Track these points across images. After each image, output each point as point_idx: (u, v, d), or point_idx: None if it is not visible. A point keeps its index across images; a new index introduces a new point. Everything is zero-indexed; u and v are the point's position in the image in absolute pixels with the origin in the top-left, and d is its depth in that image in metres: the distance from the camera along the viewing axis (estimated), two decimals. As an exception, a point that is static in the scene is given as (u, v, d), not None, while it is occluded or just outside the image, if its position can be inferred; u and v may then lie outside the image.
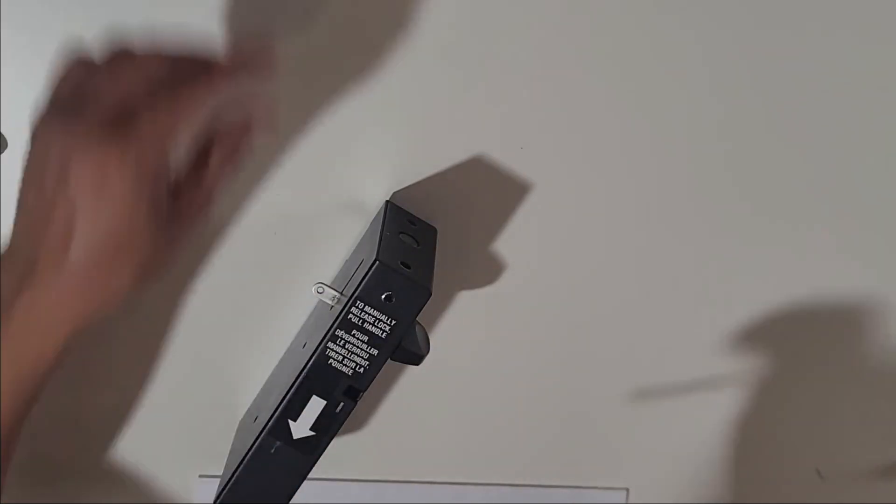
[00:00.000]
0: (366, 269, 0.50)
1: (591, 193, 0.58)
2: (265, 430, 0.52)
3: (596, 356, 0.64)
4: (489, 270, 0.60)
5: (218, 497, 0.55)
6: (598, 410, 0.66)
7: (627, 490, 0.69)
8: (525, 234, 0.59)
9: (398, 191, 0.56)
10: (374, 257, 0.49)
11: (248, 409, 0.62)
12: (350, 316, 0.50)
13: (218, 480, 0.56)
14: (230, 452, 0.59)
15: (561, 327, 0.62)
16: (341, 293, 0.51)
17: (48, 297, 0.42)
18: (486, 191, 0.57)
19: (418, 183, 0.56)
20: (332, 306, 0.51)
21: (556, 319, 0.62)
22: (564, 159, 0.57)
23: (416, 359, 0.52)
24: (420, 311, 0.50)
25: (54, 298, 0.42)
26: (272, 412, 0.52)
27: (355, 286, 0.50)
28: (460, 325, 0.61)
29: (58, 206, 0.41)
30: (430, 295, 0.50)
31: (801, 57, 0.55)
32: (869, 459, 0.68)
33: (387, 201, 0.56)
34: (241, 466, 0.53)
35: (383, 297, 0.50)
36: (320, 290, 0.51)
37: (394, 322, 0.50)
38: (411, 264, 0.51)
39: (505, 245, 0.59)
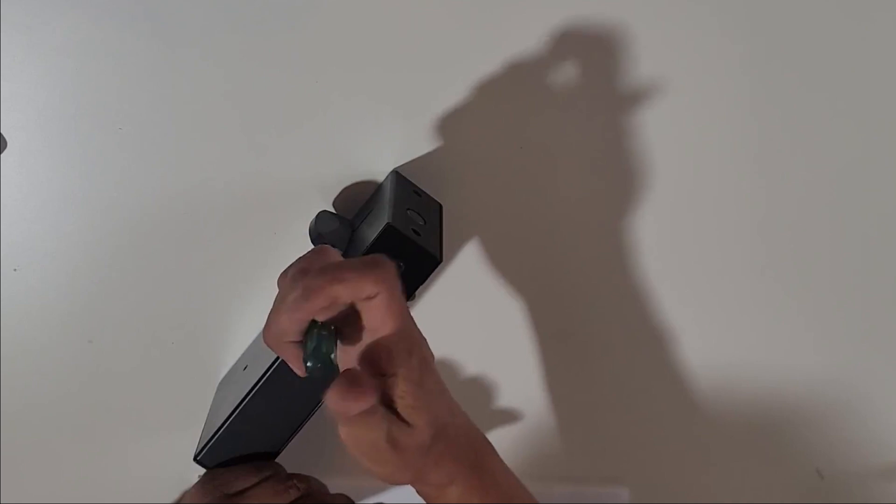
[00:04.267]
0: (375, 232, 0.49)
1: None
2: (268, 372, 0.51)
3: (594, 351, 0.64)
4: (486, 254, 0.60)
5: (213, 437, 0.53)
6: (598, 410, 0.66)
7: (627, 490, 0.69)
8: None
9: (402, 164, 0.56)
10: (384, 221, 0.49)
11: (232, 367, 0.61)
12: None
13: None
14: (213, 407, 0.58)
15: (556, 323, 0.62)
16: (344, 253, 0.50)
17: None
18: (491, 168, 0.57)
19: (422, 157, 0.55)
20: None
21: (558, 314, 0.62)
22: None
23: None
24: (426, 280, 0.50)
25: None
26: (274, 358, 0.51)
27: (363, 247, 0.49)
28: (457, 318, 0.61)
29: None
30: (439, 263, 0.50)
31: None
32: (869, 459, 0.68)
33: (394, 170, 0.55)
34: (237, 412, 0.52)
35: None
36: None
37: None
38: (420, 232, 0.50)
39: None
